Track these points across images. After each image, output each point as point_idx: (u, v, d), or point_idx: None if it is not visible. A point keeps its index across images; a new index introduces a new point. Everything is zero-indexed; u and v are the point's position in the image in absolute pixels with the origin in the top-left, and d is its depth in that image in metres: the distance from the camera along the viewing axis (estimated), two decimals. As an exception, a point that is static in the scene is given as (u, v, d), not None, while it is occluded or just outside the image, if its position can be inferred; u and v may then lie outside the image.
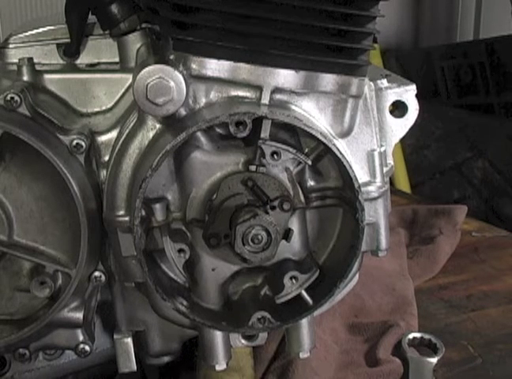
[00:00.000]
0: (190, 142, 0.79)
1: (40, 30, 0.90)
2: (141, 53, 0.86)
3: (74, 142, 0.82)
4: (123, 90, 0.86)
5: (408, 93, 0.89)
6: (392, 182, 2.47)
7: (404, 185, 2.70)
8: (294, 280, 0.82)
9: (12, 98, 0.79)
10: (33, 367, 0.93)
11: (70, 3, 0.87)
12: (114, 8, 0.84)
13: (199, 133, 0.79)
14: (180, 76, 0.76)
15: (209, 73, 0.78)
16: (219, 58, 0.78)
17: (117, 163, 0.82)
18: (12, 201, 0.83)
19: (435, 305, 1.23)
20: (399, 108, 0.90)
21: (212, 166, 0.81)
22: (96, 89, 0.86)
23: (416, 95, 0.90)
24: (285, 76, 0.79)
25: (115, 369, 0.91)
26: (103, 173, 0.85)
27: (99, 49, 0.90)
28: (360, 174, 0.83)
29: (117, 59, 0.88)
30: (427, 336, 1.08)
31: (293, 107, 0.80)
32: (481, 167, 2.57)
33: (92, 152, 0.84)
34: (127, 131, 0.83)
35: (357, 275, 0.92)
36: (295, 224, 0.83)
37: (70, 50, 0.89)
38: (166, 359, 0.95)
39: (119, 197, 0.81)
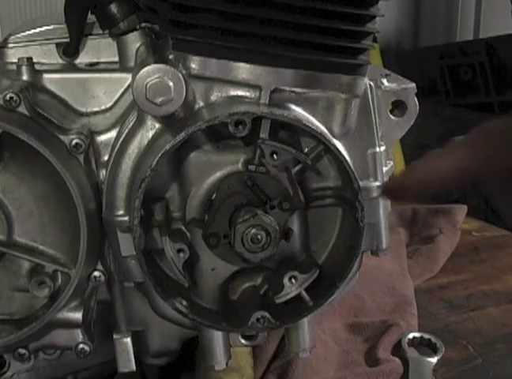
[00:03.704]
0: (190, 142, 0.78)
1: (39, 30, 0.90)
2: (140, 52, 0.86)
3: (73, 142, 0.82)
4: (123, 89, 0.86)
5: (407, 93, 0.89)
6: (392, 182, 2.46)
7: (404, 184, 2.69)
8: (293, 280, 0.82)
9: (11, 97, 0.79)
10: (33, 367, 0.93)
11: (70, 3, 0.86)
12: (113, 7, 0.84)
13: (198, 133, 0.78)
14: (180, 76, 0.76)
15: (209, 72, 0.78)
16: (218, 57, 0.77)
17: (116, 163, 0.81)
18: (11, 201, 0.83)
19: (435, 305, 1.23)
20: (399, 108, 0.90)
21: (211, 165, 0.80)
22: (96, 89, 0.86)
23: (416, 95, 0.90)
24: (285, 76, 0.78)
25: (115, 368, 0.91)
26: (103, 173, 0.84)
27: (98, 48, 0.89)
28: (360, 173, 0.83)
29: (116, 59, 0.88)
30: (426, 336, 1.08)
31: (293, 107, 0.80)
32: (481, 167, 2.56)
33: (92, 152, 0.84)
34: (126, 131, 0.82)
35: (357, 275, 0.92)
36: (294, 224, 0.83)
37: (69, 50, 0.89)
38: (165, 359, 0.95)
39: (119, 196, 0.81)
